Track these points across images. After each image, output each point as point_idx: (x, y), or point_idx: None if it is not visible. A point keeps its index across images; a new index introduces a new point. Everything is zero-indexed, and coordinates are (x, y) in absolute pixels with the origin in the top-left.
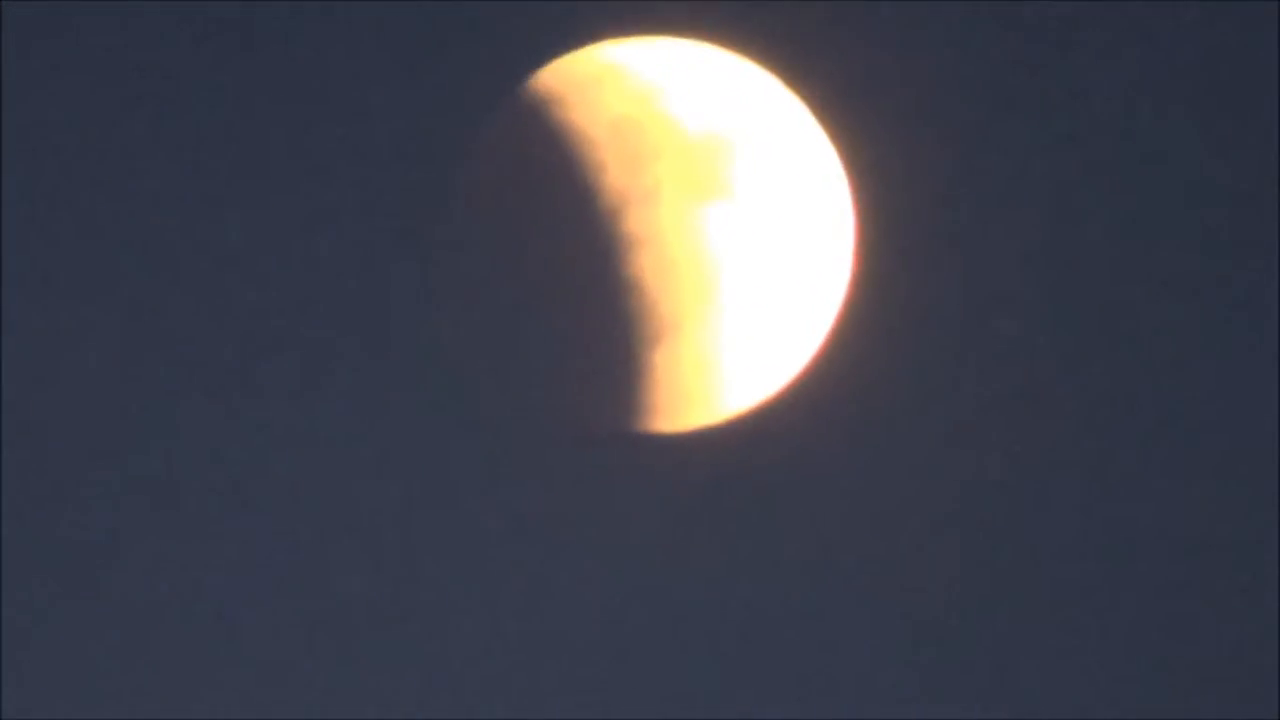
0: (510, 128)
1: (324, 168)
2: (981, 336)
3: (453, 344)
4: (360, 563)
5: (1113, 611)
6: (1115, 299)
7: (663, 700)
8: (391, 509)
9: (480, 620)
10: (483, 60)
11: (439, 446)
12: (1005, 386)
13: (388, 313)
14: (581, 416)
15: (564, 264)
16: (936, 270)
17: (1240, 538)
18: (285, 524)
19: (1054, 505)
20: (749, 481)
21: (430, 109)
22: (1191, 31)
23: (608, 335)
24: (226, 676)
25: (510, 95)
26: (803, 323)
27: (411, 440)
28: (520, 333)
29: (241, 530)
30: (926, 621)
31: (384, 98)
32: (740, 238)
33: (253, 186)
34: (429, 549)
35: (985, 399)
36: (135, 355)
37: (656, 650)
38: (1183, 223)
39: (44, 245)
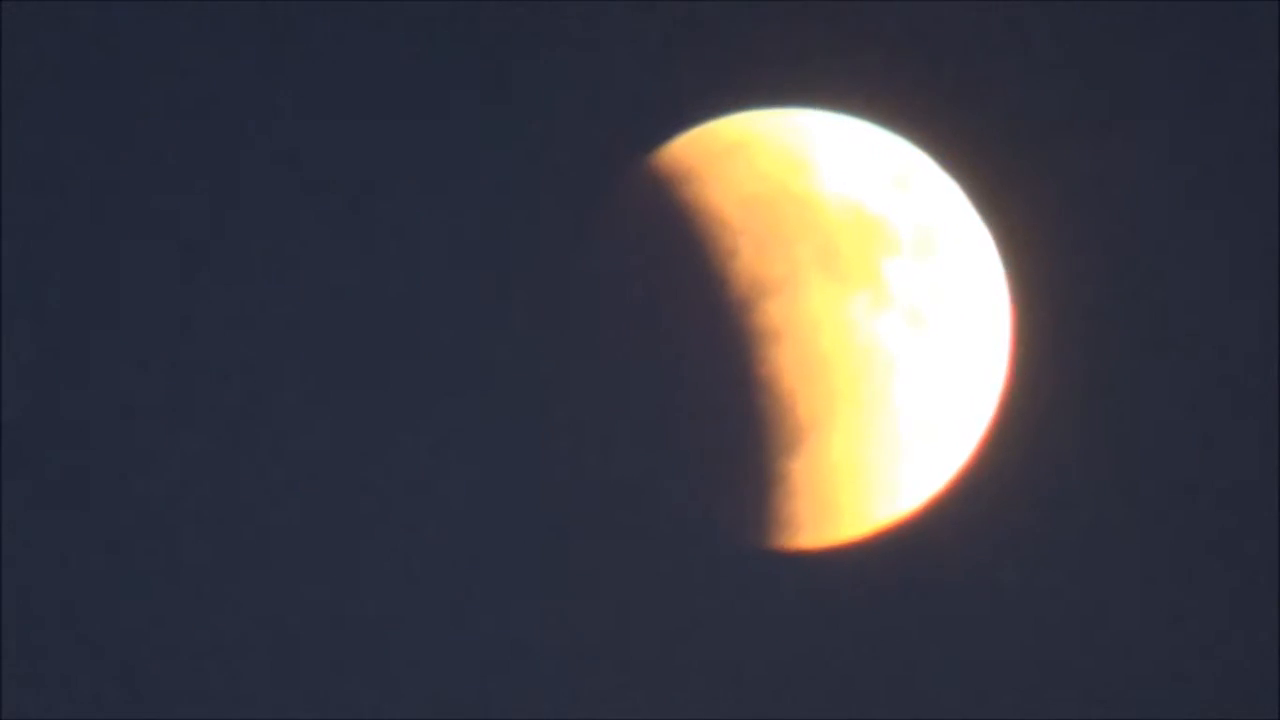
0: (632, 206)
1: (429, 239)
2: (1146, 440)
3: (572, 442)
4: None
5: None
6: None
7: None
8: (517, 606)
9: None
10: (605, 131)
11: (556, 546)
12: (1171, 487)
13: (498, 409)
14: (713, 530)
15: (691, 361)
16: (1098, 364)
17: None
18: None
19: (1246, 623)
20: (897, 602)
21: (548, 181)
22: None
23: (740, 441)
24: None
25: (633, 169)
26: (956, 424)
27: (529, 535)
28: (645, 437)
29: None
30: None
31: (499, 164)
32: (888, 330)
33: (370, 261)
34: (547, 650)
35: (1151, 503)
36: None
37: None
38: None
39: (44, 245)
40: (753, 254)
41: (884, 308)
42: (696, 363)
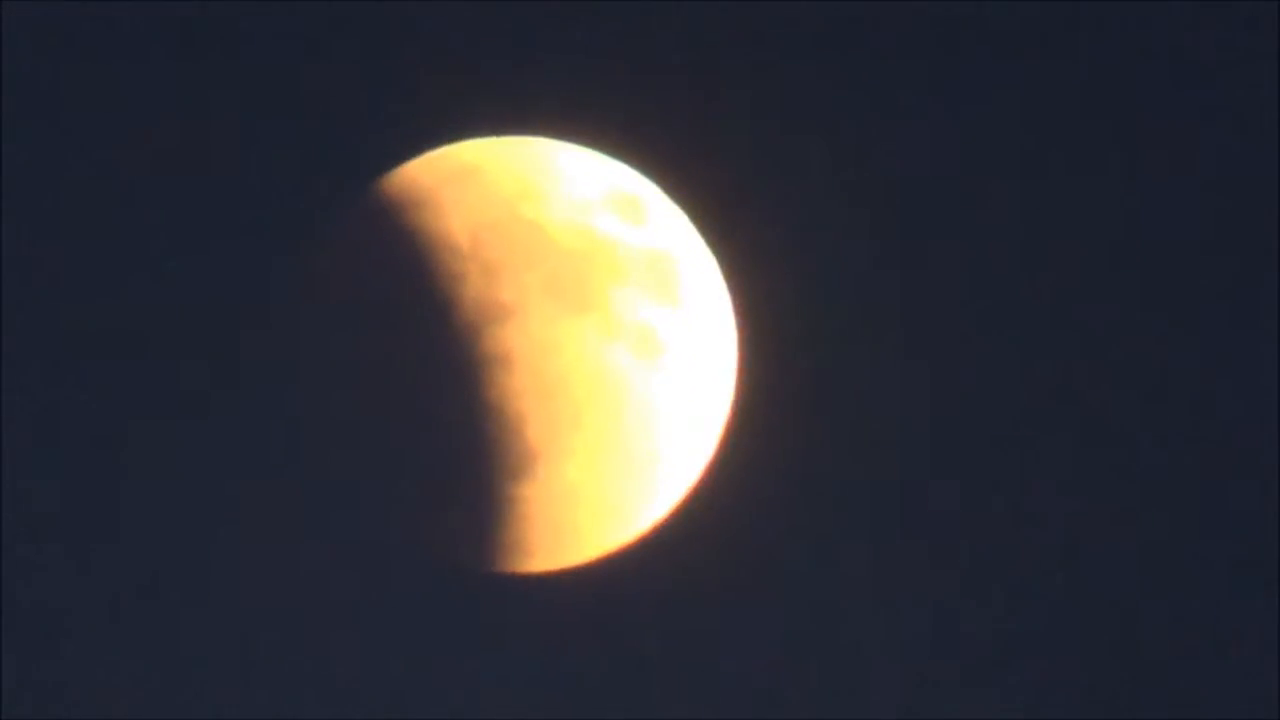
0: (358, 232)
1: (155, 257)
2: (874, 462)
3: (293, 466)
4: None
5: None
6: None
7: None
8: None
9: None
10: (336, 153)
11: (285, 569)
12: (897, 509)
13: (226, 424)
14: (438, 554)
15: (420, 386)
16: (824, 388)
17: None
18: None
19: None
20: (630, 625)
21: (277, 205)
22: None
23: (470, 465)
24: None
25: (358, 196)
26: (685, 447)
27: (260, 558)
28: (369, 459)
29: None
30: None
31: (222, 188)
32: (616, 356)
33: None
34: (277, 683)
35: (880, 526)
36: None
37: None
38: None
39: (43, 247)
40: (481, 279)
41: (613, 333)
42: (425, 388)
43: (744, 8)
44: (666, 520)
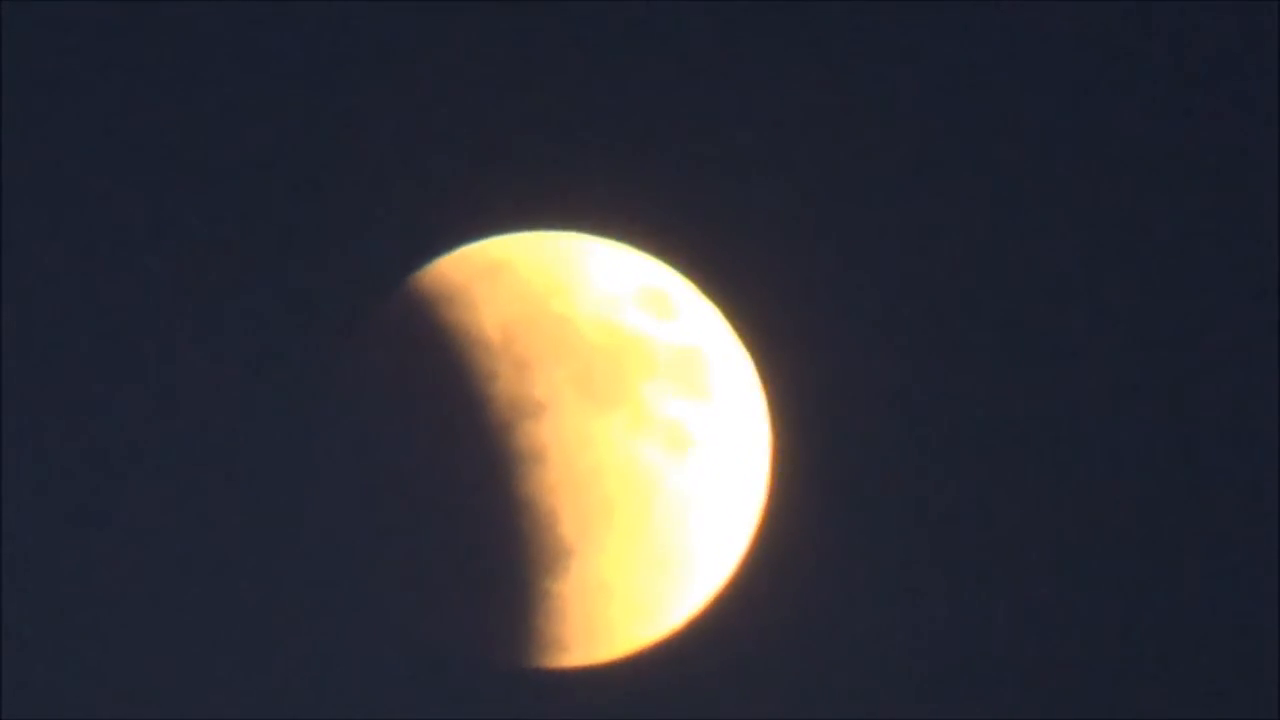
0: (389, 329)
1: (190, 356)
2: (908, 562)
3: (328, 560)
4: None
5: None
6: None
7: None
8: None
9: None
10: (367, 251)
11: (313, 666)
12: (932, 611)
13: (258, 518)
14: (472, 649)
15: (452, 483)
16: (857, 487)
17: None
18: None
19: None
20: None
21: (308, 303)
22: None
23: (503, 562)
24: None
25: (389, 293)
26: (716, 542)
27: (286, 656)
28: (403, 555)
29: None
30: None
31: (255, 283)
32: (647, 451)
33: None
34: None
35: (913, 627)
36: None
37: None
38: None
39: (45, 248)
40: (513, 375)
41: (643, 429)
42: (458, 484)
43: (770, 99)
44: (700, 615)
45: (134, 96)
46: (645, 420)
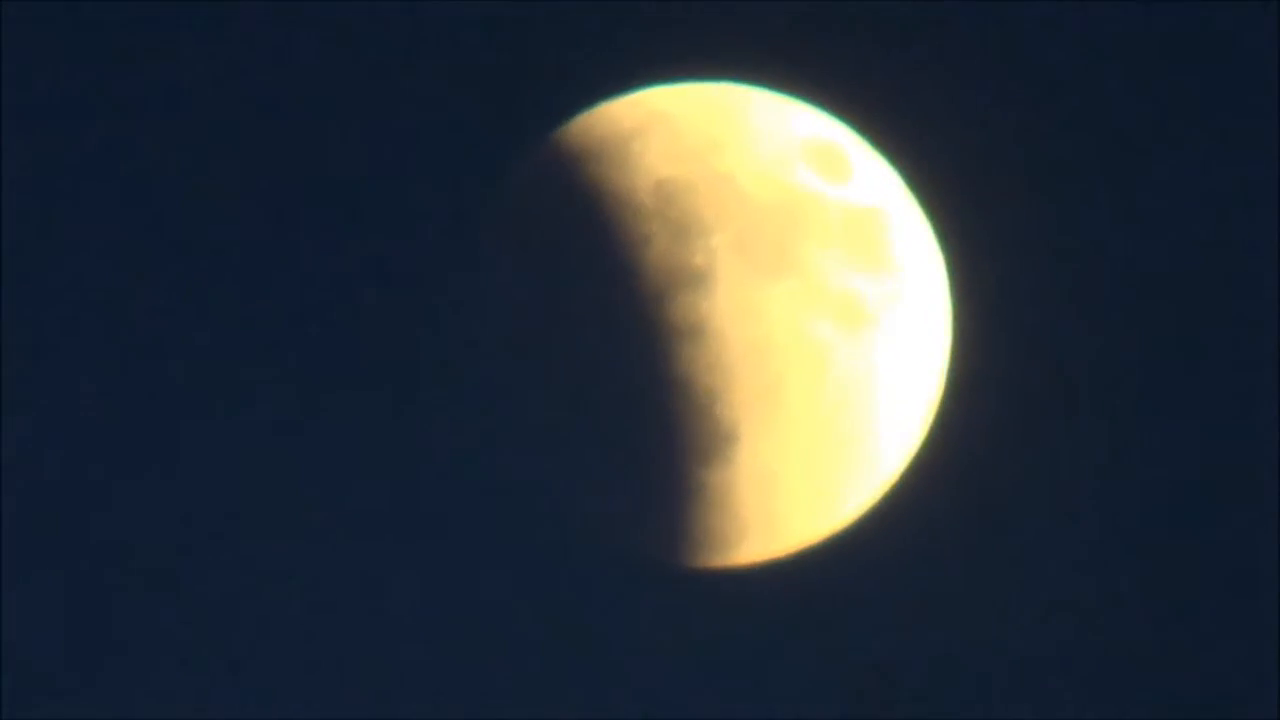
0: (531, 191)
1: (321, 224)
2: (1095, 454)
3: (463, 444)
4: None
5: None
6: None
7: None
8: (407, 622)
9: None
10: (503, 105)
11: (461, 555)
12: (1118, 502)
13: (389, 409)
14: (617, 546)
15: (599, 360)
16: (1045, 368)
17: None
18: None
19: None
20: (824, 628)
21: (441, 161)
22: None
23: (650, 447)
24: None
25: (535, 148)
26: (893, 430)
27: (423, 555)
28: (542, 442)
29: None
30: None
31: (385, 141)
32: (817, 327)
33: (257, 212)
34: (449, 674)
35: (1098, 516)
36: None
37: None
38: None
39: (46, 249)
40: (668, 241)
41: (814, 301)
42: (605, 362)
43: None
44: (876, 508)
45: None
46: (817, 291)
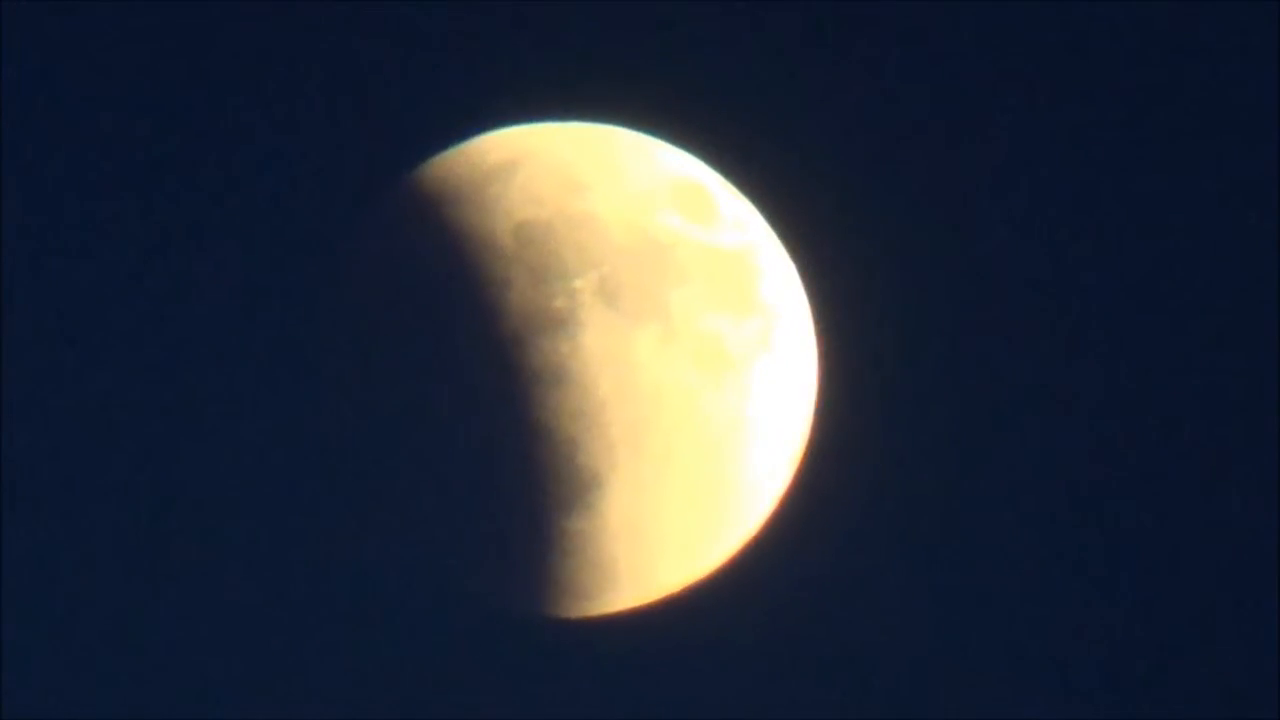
0: (391, 231)
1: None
2: (967, 501)
3: (320, 493)
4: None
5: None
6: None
7: None
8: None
9: None
10: (363, 146)
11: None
12: (973, 546)
13: (244, 460)
14: (477, 596)
15: (457, 406)
16: (910, 407)
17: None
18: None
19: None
20: (688, 680)
21: (299, 201)
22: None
23: (512, 495)
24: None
25: (393, 189)
26: (757, 474)
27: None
28: (399, 491)
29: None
30: None
31: (243, 179)
32: (680, 372)
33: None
34: None
35: (973, 568)
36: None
37: None
38: None
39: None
40: (528, 285)
41: (676, 345)
42: (466, 408)
43: None
44: (738, 557)
45: None
46: (681, 335)
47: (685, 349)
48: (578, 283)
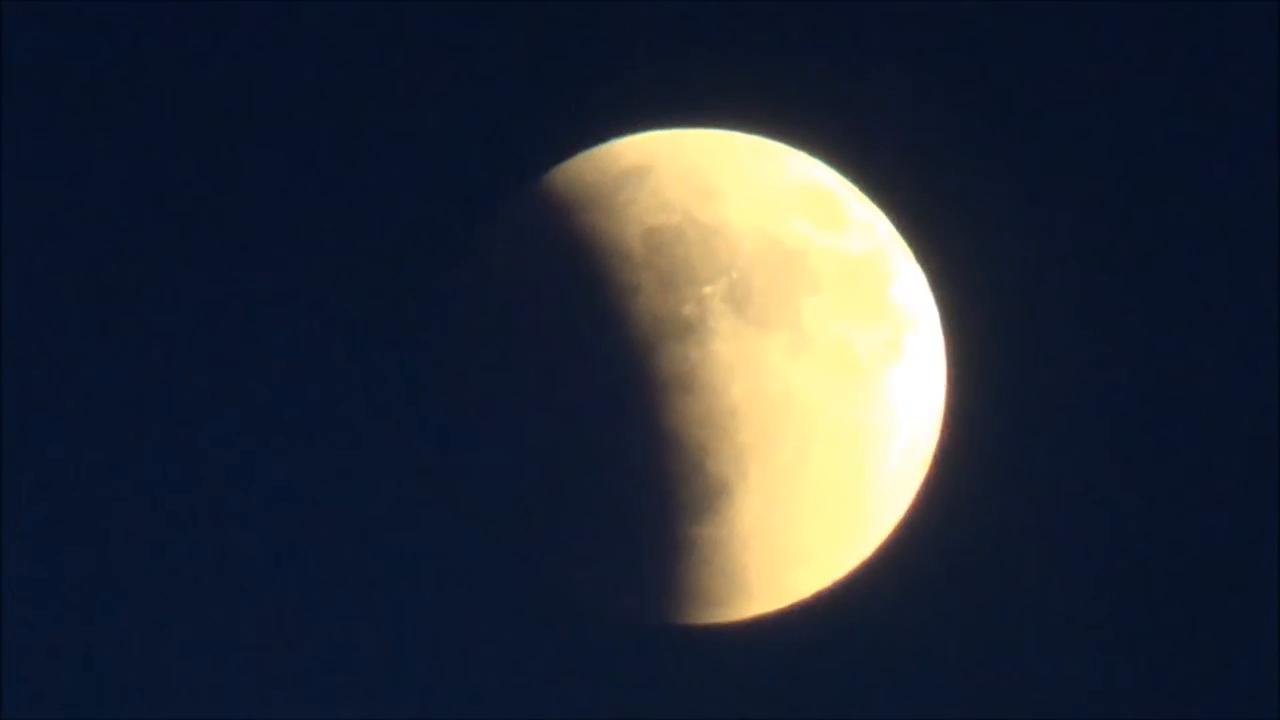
0: (523, 235)
1: (313, 264)
2: (1090, 509)
3: (450, 506)
4: None
5: None
6: None
7: None
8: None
9: None
10: (494, 152)
11: (438, 622)
12: (1108, 551)
13: (369, 464)
14: (610, 604)
15: (585, 413)
16: (1041, 416)
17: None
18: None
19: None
20: (824, 686)
21: (430, 206)
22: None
23: (641, 503)
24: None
25: (524, 194)
26: (888, 481)
27: (404, 610)
28: (526, 497)
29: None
30: None
31: (376, 183)
32: (810, 379)
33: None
34: None
35: (1093, 573)
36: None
37: None
38: None
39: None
40: (657, 291)
41: (805, 352)
42: (593, 414)
43: None
44: (869, 563)
45: None
46: (808, 342)
47: (815, 356)
48: (707, 289)
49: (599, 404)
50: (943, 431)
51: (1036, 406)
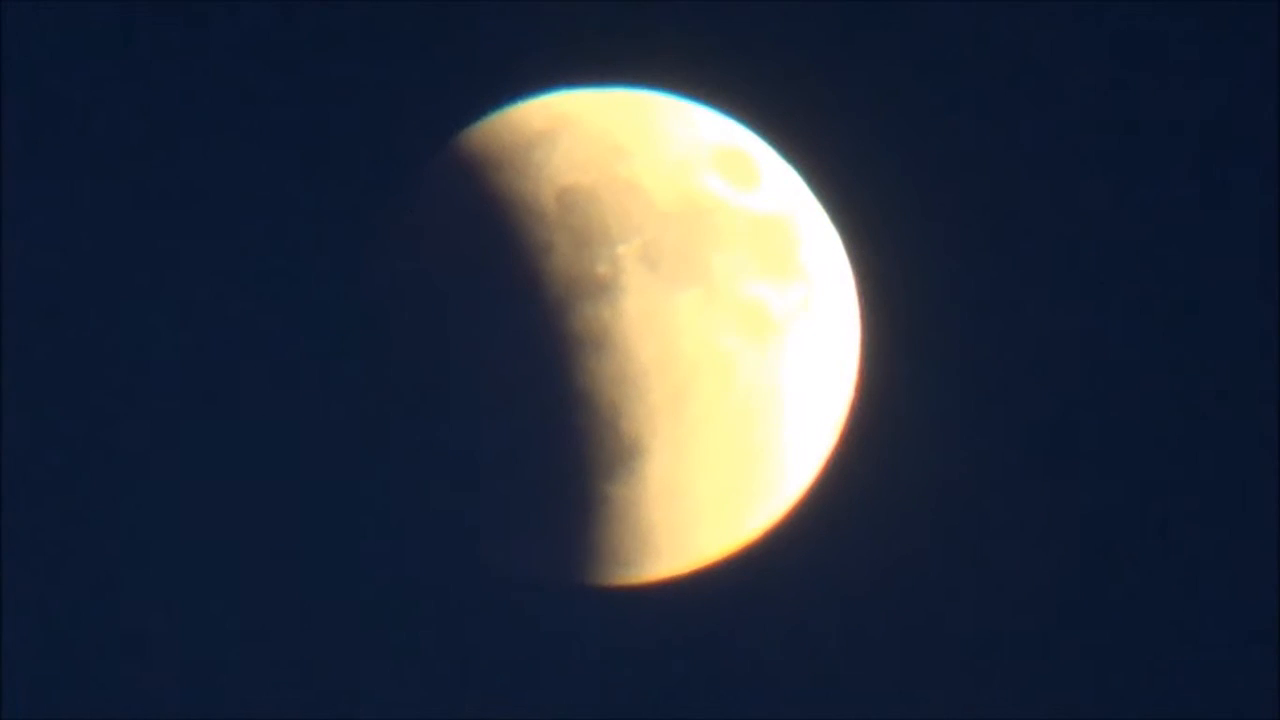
0: (433, 199)
1: (214, 232)
2: (1008, 462)
3: (357, 463)
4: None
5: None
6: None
7: None
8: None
9: None
10: (403, 113)
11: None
12: (1026, 512)
13: (278, 422)
14: (522, 565)
15: (498, 372)
16: (957, 372)
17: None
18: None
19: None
20: (729, 646)
21: (338, 169)
22: None
23: (553, 462)
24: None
25: (434, 155)
26: (799, 442)
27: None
28: (443, 457)
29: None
30: None
31: (282, 146)
32: (723, 338)
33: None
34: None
35: (1008, 532)
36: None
37: None
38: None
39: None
40: (570, 250)
41: (720, 311)
42: (506, 374)
43: None
44: (779, 524)
45: None
46: (723, 301)
47: (727, 314)
48: (621, 248)
49: (513, 363)
50: (855, 392)
51: (950, 369)
